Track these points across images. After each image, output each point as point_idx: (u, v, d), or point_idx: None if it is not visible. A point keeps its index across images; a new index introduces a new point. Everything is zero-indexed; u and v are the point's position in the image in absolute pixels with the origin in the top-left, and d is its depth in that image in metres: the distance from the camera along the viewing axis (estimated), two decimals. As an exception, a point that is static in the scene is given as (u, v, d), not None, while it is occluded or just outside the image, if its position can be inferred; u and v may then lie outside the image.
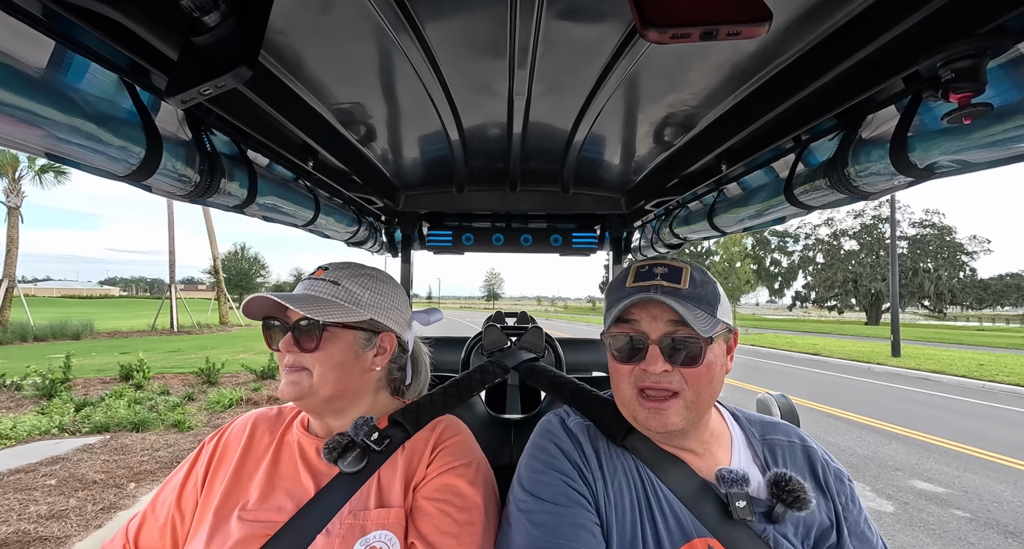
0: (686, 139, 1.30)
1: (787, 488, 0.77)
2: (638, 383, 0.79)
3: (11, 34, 0.62)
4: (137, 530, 0.88)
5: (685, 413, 0.78)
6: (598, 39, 0.82)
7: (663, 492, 0.81)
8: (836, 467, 0.88)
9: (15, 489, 4.31)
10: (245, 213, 1.33)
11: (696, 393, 0.78)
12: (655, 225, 2.26)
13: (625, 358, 0.81)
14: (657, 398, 0.78)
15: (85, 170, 0.88)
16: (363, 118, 1.20)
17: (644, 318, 0.80)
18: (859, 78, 0.79)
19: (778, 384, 10.08)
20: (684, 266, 0.84)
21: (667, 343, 0.78)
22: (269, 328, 0.91)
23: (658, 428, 0.78)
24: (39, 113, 0.67)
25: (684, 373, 0.78)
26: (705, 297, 0.81)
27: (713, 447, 0.86)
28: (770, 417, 0.97)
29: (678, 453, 0.85)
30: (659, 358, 0.77)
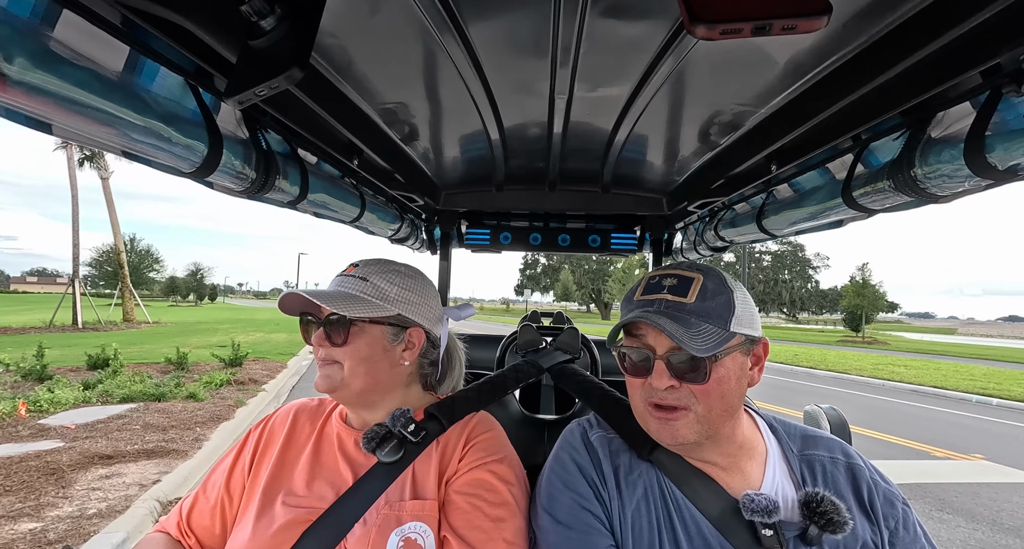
0: (733, 138, 1.25)
1: (818, 510, 0.72)
2: (648, 397, 0.78)
3: (93, 41, 0.68)
4: (190, 509, 0.93)
5: (697, 427, 0.75)
6: (643, 36, 0.80)
7: (689, 510, 0.77)
8: (887, 488, 0.81)
9: (117, 429, 5.63)
10: (297, 209, 1.39)
11: (707, 407, 0.75)
12: (698, 227, 2.19)
13: (635, 372, 0.80)
14: (667, 409, 0.76)
15: (155, 167, 0.95)
16: (406, 117, 1.23)
17: (650, 332, 0.78)
18: (930, 73, 0.74)
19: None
20: (696, 276, 0.79)
21: (672, 359, 0.75)
22: (305, 324, 0.95)
23: (668, 440, 0.76)
24: (117, 114, 0.72)
25: (692, 389, 0.75)
26: (714, 310, 0.76)
27: (743, 461, 0.82)
28: (814, 429, 0.91)
29: (705, 468, 0.81)
30: (664, 374, 0.75)
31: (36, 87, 0.60)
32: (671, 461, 0.82)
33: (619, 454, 0.86)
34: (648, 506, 0.79)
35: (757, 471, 0.81)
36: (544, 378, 1.33)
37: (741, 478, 0.80)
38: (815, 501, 0.73)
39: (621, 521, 0.78)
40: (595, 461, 0.85)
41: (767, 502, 0.73)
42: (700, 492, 0.78)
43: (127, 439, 5.33)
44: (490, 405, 1.07)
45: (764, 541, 0.72)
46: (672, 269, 0.83)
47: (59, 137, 0.78)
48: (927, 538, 0.79)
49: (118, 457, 4.74)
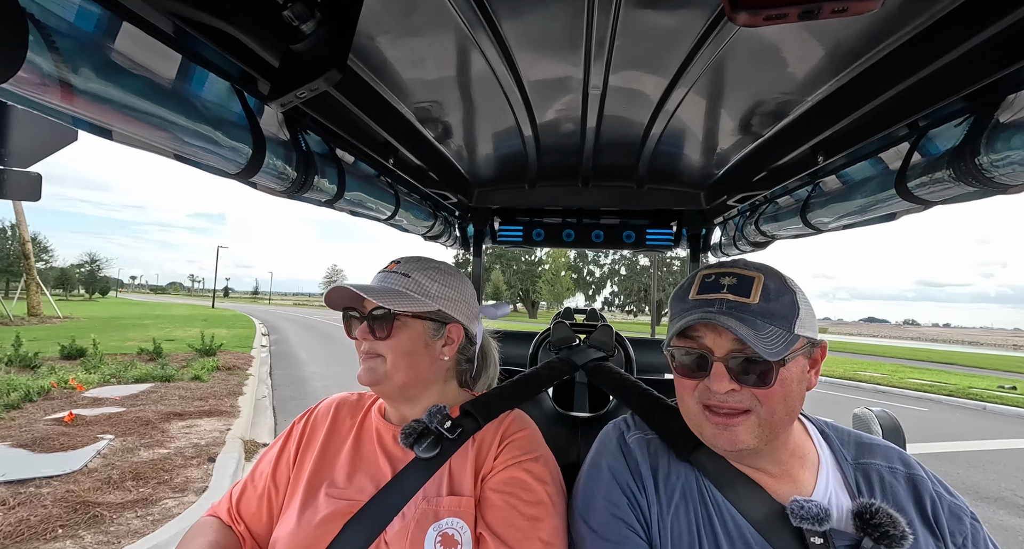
0: (776, 129, 1.20)
1: (872, 522, 0.68)
2: (703, 399, 0.74)
3: (148, 51, 0.72)
4: (239, 496, 0.98)
5: (757, 431, 0.72)
6: (680, 27, 0.78)
7: (731, 514, 0.75)
8: (953, 502, 0.75)
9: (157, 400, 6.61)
10: (335, 208, 1.44)
11: (770, 412, 0.71)
12: (738, 222, 2.11)
13: (689, 373, 0.76)
14: (726, 413, 0.72)
15: (204, 169, 1.00)
16: (440, 116, 1.25)
17: (708, 334, 0.74)
18: (998, 52, 0.68)
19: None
20: (756, 275, 0.76)
21: (733, 361, 0.72)
22: (348, 318, 0.97)
23: (726, 446, 0.73)
24: (170, 119, 0.77)
25: (755, 392, 0.71)
26: (779, 311, 0.73)
27: (794, 469, 0.78)
28: (869, 436, 0.86)
29: (753, 473, 0.78)
30: (724, 377, 0.71)
31: (99, 96, 0.64)
32: (712, 463, 0.79)
33: (658, 456, 0.84)
34: (687, 509, 0.77)
35: (808, 479, 0.77)
36: (578, 375, 1.32)
37: (791, 485, 0.77)
38: (869, 512, 0.69)
39: (660, 526, 0.77)
40: (632, 466, 0.83)
41: (818, 509, 0.69)
42: (743, 495, 0.76)
43: (174, 405, 6.27)
44: (524, 403, 1.08)
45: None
46: (728, 267, 0.79)
47: (119, 142, 0.83)
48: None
49: (185, 415, 5.90)
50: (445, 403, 0.97)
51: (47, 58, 0.57)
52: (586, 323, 2.05)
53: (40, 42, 0.56)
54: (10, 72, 0.53)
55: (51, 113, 0.68)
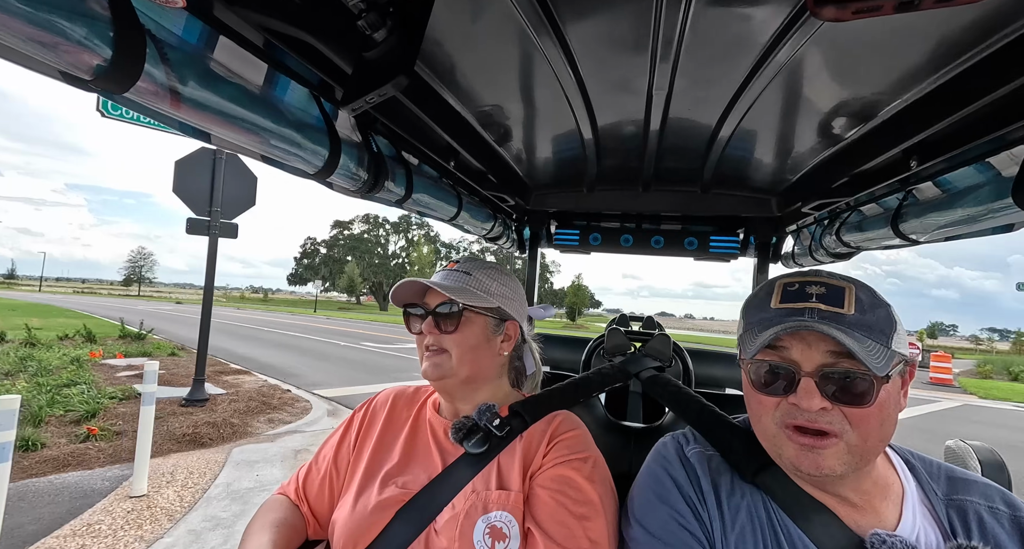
0: (861, 132, 1.10)
1: None
2: (786, 419, 0.67)
3: (240, 61, 0.79)
4: (305, 477, 1.05)
5: (847, 458, 0.64)
6: (756, 23, 0.74)
7: (802, 542, 0.68)
8: None
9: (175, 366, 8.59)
10: (403, 207, 1.51)
11: (863, 436, 0.64)
12: (815, 230, 1.96)
13: (769, 389, 0.69)
14: (813, 434, 0.65)
15: (286, 170, 1.08)
16: (501, 120, 1.27)
17: (796, 345, 0.67)
18: None
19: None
20: (847, 286, 0.69)
21: (825, 377, 0.65)
22: (409, 315, 1.01)
23: (811, 470, 0.65)
24: (259, 124, 0.84)
25: (847, 413, 0.64)
26: (876, 324, 0.66)
27: (876, 499, 0.70)
28: (964, 471, 0.76)
29: (830, 501, 0.70)
30: (815, 393, 0.64)
31: (201, 103, 0.72)
32: (781, 486, 0.73)
33: (720, 473, 0.78)
34: (754, 533, 0.71)
35: (891, 512, 0.70)
36: (632, 384, 1.29)
37: (872, 518, 0.69)
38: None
39: (724, 544, 0.71)
40: (692, 478, 0.78)
41: (903, 545, 0.62)
42: (816, 524, 0.69)
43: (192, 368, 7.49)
44: (574, 407, 1.07)
45: None
46: (811, 276, 0.72)
47: (216, 145, 0.93)
48: None
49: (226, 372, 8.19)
50: (499, 401, 1.00)
51: (161, 69, 0.65)
52: (642, 331, 1.99)
53: (155, 54, 0.63)
54: (130, 82, 0.61)
55: (161, 118, 0.77)
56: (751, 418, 0.75)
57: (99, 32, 0.55)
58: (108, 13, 0.56)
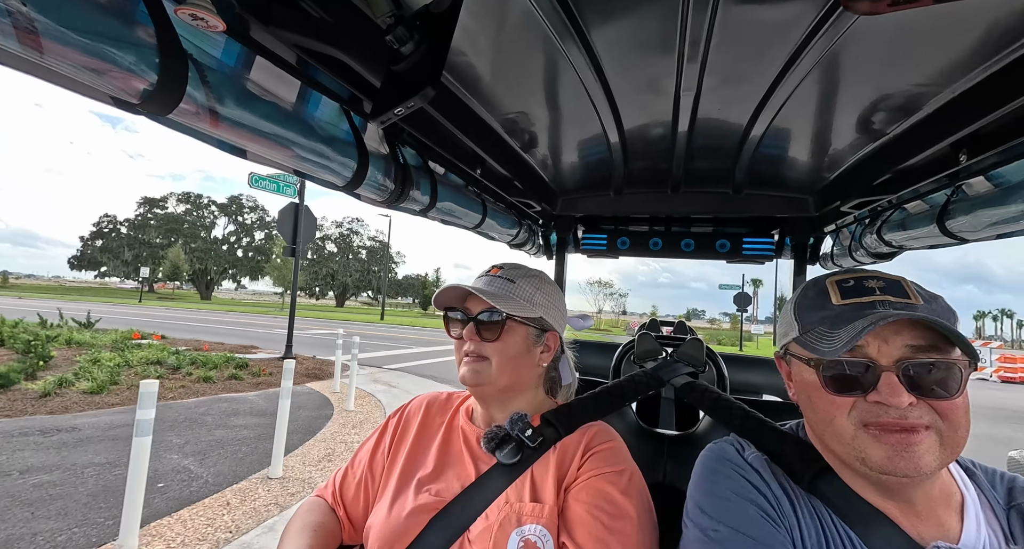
0: (905, 126, 1.05)
1: None
2: (866, 418, 0.64)
3: (275, 79, 0.82)
4: (342, 480, 1.06)
5: (939, 453, 0.61)
6: (787, 21, 0.72)
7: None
8: None
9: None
10: (427, 217, 1.53)
11: (954, 427, 0.61)
12: (855, 230, 1.88)
13: (845, 388, 0.66)
14: (904, 430, 0.62)
15: (316, 182, 1.11)
16: (526, 126, 1.27)
17: (871, 341, 0.64)
18: None
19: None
20: (899, 278, 0.68)
21: (908, 370, 0.62)
22: (450, 319, 1.01)
23: (907, 470, 0.61)
24: (292, 139, 0.87)
25: (935, 405, 0.62)
26: (943, 315, 0.64)
27: (939, 508, 0.66)
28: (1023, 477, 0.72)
29: (891, 509, 0.67)
30: (900, 388, 0.61)
31: (237, 121, 0.75)
32: (838, 493, 0.69)
33: (783, 479, 0.75)
34: (821, 542, 0.67)
35: (954, 522, 0.65)
36: (664, 391, 1.26)
37: (936, 528, 0.65)
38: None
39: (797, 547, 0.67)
40: (763, 480, 0.74)
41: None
42: (876, 534, 0.65)
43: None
44: (607, 416, 1.05)
45: None
46: (855, 272, 0.72)
47: (252, 161, 0.97)
48: None
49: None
50: (532, 410, 0.99)
51: (201, 91, 0.68)
52: (673, 335, 1.94)
53: (196, 77, 0.66)
54: (174, 104, 0.64)
55: (200, 137, 0.80)
56: (820, 422, 0.70)
57: (146, 59, 0.58)
58: (154, 41, 0.59)
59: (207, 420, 5.30)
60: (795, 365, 0.75)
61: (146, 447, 2.63)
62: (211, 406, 5.92)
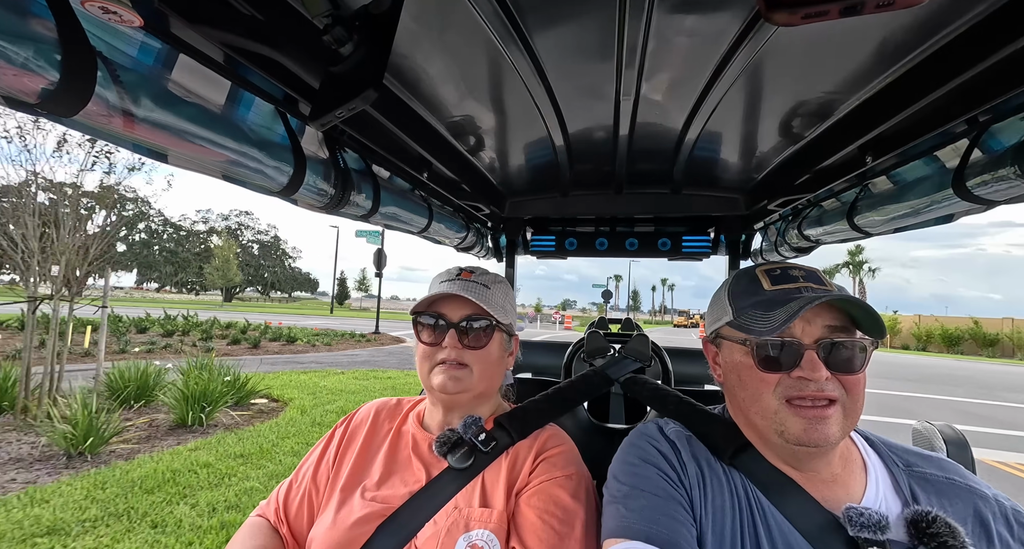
0: (820, 130, 1.15)
1: (929, 530, 0.64)
2: (788, 393, 0.71)
3: (202, 79, 0.77)
4: (285, 494, 1.01)
5: (843, 424, 0.70)
6: (715, 29, 0.76)
7: (775, 519, 0.71)
8: (1011, 514, 0.70)
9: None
10: (370, 221, 1.48)
11: (855, 400, 0.70)
12: (780, 227, 2.03)
13: (773, 366, 0.73)
14: (819, 405, 0.70)
15: (249, 188, 1.05)
16: (473, 129, 1.27)
17: (796, 323, 0.72)
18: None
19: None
20: (815, 269, 0.78)
21: (825, 348, 0.71)
22: (424, 325, 0.97)
23: (818, 440, 0.69)
24: (220, 142, 0.81)
25: (843, 380, 0.70)
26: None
27: (843, 473, 0.75)
28: (919, 449, 0.81)
29: (802, 477, 0.75)
30: (820, 365, 0.70)
31: (157, 123, 0.69)
32: (758, 468, 0.76)
33: (699, 451, 0.82)
34: (733, 510, 0.74)
35: (857, 484, 0.74)
36: (613, 387, 1.30)
37: (841, 491, 0.73)
38: (926, 521, 0.65)
39: (703, 514, 0.74)
40: (675, 450, 0.82)
41: (879, 516, 0.66)
42: (792, 503, 0.72)
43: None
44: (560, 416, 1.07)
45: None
46: (780, 263, 0.80)
47: (174, 165, 0.89)
48: None
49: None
50: (491, 413, 1.00)
51: (113, 91, 0.62)
52: (621, 332, 2.01)
53: (107, 77, 0.60)
54: (80, 105, 0.58)
55: (111, 140, 0.73)
56: (746, 400, 0.77)
57: (45, 55, 0.52)
58: (55, 35, 0.53)
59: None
60: (725, 347, 0.82)
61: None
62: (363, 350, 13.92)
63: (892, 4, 0.41)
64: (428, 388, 0.97)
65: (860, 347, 0.71)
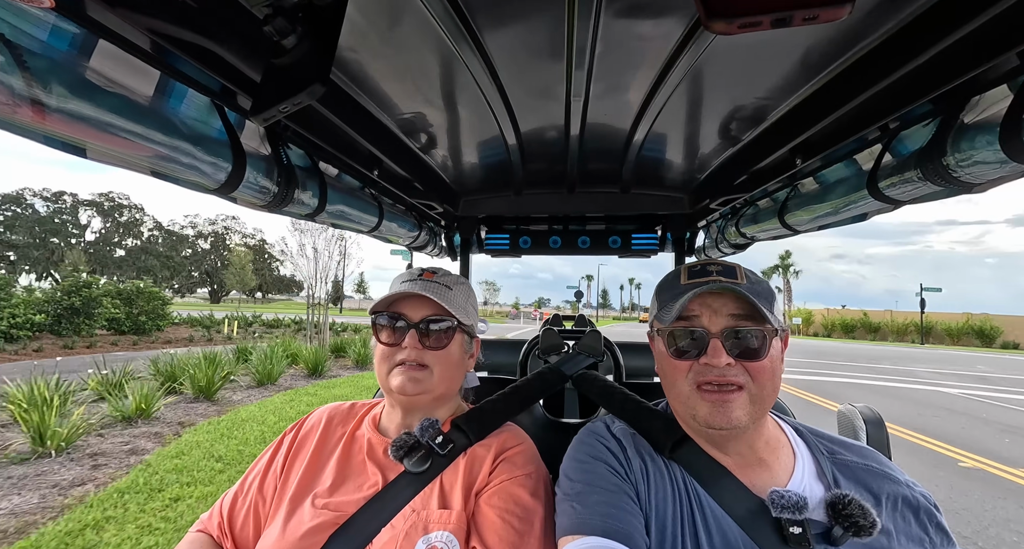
0: (755, 133, 1.23)
1: (844, 512, 0.70)
2: (697, 378, 0.77)
3: (126, 68, 0.70)
4: (230, 507, 0.95)
5: (750, 408, 0.75)
6: (659, 35, 0.80)
7: (710, 507, 0.76)
8: (920, 498, 0.78)
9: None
10: (316, 220, 1.42)
11: (760, 386, 0.75)
12: (720, 224, 2.15)
13: (683, 354, 0.79)
14: (723, 390, 0.75)
15: (182, 185, 0.98)
16: (425, 127, 1.25)
17: (704, 313, 0.78)
18: (963, 56, 0.71)
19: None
20: (736, 265, 0.83)
21: (729, 336, 0.76)
22: (382, 325, 0.94)
23: (723, 423, 0.74)
24: (147, 136, 0.75)
25: (747, 367, 0.75)
26: (763, 293, 0.79)
27: (770, 459, 0.81)
28: (842, 437, 0.89)
29: (732, 463, 0.80)
30: (722, 351, 0.75)
31: (73, 114, 0.63)
32: (695, 459, 0.81)
33: (643, 447, 0.87)
34: (674, 500, 0.78)
35: (784, 469, 0.80)
36: (568, 382, 1.32)
37: (768, 475, 0.79)
38: (842, 503, 0.72)
39: (647, 506, 0.78)
40: (621, 447, 0.86)
41: (797, 498, 0.72)
42: (725, 491, 0.77)
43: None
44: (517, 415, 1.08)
45: (791, 539, 0.70)
46: (706, 260, 0.85)
47: (93, 160, 0.81)
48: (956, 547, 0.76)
49: None
50: (449, 415, 0.99)
51: (19, 78, 0.55)
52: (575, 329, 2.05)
53: (11, 62, 0.54)
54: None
55: (19, 132, 0.66)
56: (667, 387, 0.83)
57: None
58: None
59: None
60: (655, 340, 0.87)
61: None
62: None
63: (816, 18, 0.45)
64: (387, 390, 0.94)
65: (764, 335, 0.76)
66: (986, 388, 11.51)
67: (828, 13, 0.44)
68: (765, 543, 0.72)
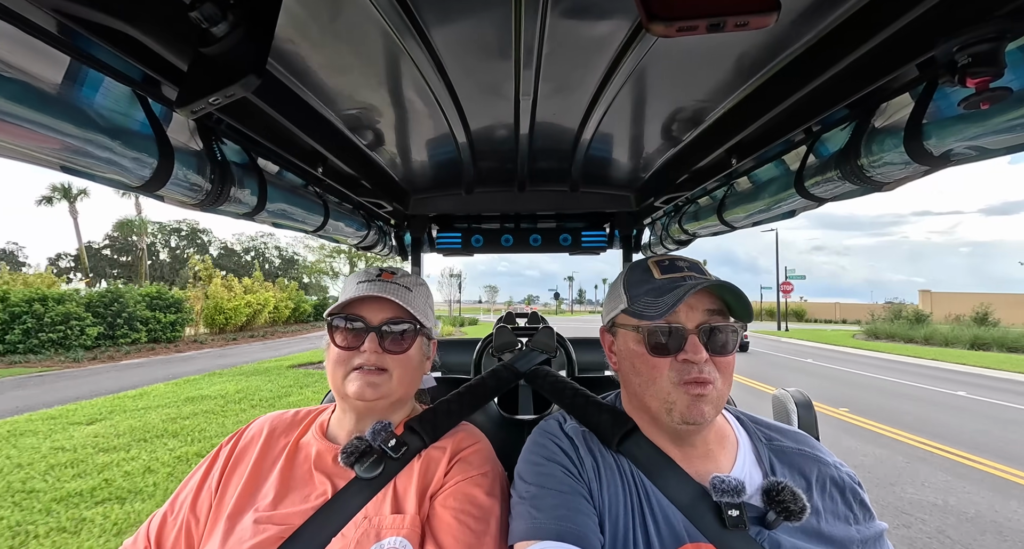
0: (695, 134, 1.29)
1: (778, 498, 0.75)
2: (682, 377, 0.77)
3: (28, 51, 0.63)
4: (158, 530, 0.87)
5: (716, 403, 0.77)
6: (604, 36, 0.82)
7: (657, 497, 0.79)
8: (846, 478, 0.85)
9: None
10: (255, 220, 1.34)
11: (725, 383, 0.78)
12: (664, 222, 2.24)
13: (663, 351, 0.79)
14: (700, 384, 0.77)
15: (100, 182, 0.89)
16: (371, 123, 1.21)
17: (681, 309, 0.78)
18: (872, 66, 0.78)
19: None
20: (698, 261, 0.86)
21: (706, 332, 0.78)
22: (339, 328, 0.90)
23: (697, 418, 0.76)
24: (55, 127, 0.68)
25: (716, 362, 0.77)
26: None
27: (716, 449, 0.84)
28: (779, 424, 0.94)
29: (680, 453, 0.83)
30: (701, 347, 0.76)
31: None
32: (642, 452, 0.84)
33: (593, 444, 0.88)
34: (624, 494, 0.80)
35: (727, 459, 0.84)
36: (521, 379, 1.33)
37: (712, 464, 0.83)
38: (776, 490, 0.76)
39: (600, 502, 0.80)
40: (573, 446, 0.87)
41: (736, 482, 0.76)
42: (670, 481, 0.80)
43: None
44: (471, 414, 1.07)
45: (728, 521, 0.74)
46: (670, 256, 0.87)
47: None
48: (879, 525, 0.83)
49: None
50: (404, 417, 0.96)
51: None
52: (528, 326, 2.07)
53: None
54: None
55: None
56: (644, 383, 0.82)
57: None
58: None
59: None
60: (620, 335, 0.88)
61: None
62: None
63: (747, 25, 0.47)
64: (341, 395, 0.90)
65: (732, 330, 0.79)
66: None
67: (757, 20, 0.47)
68: (706, 528, 0.75)
